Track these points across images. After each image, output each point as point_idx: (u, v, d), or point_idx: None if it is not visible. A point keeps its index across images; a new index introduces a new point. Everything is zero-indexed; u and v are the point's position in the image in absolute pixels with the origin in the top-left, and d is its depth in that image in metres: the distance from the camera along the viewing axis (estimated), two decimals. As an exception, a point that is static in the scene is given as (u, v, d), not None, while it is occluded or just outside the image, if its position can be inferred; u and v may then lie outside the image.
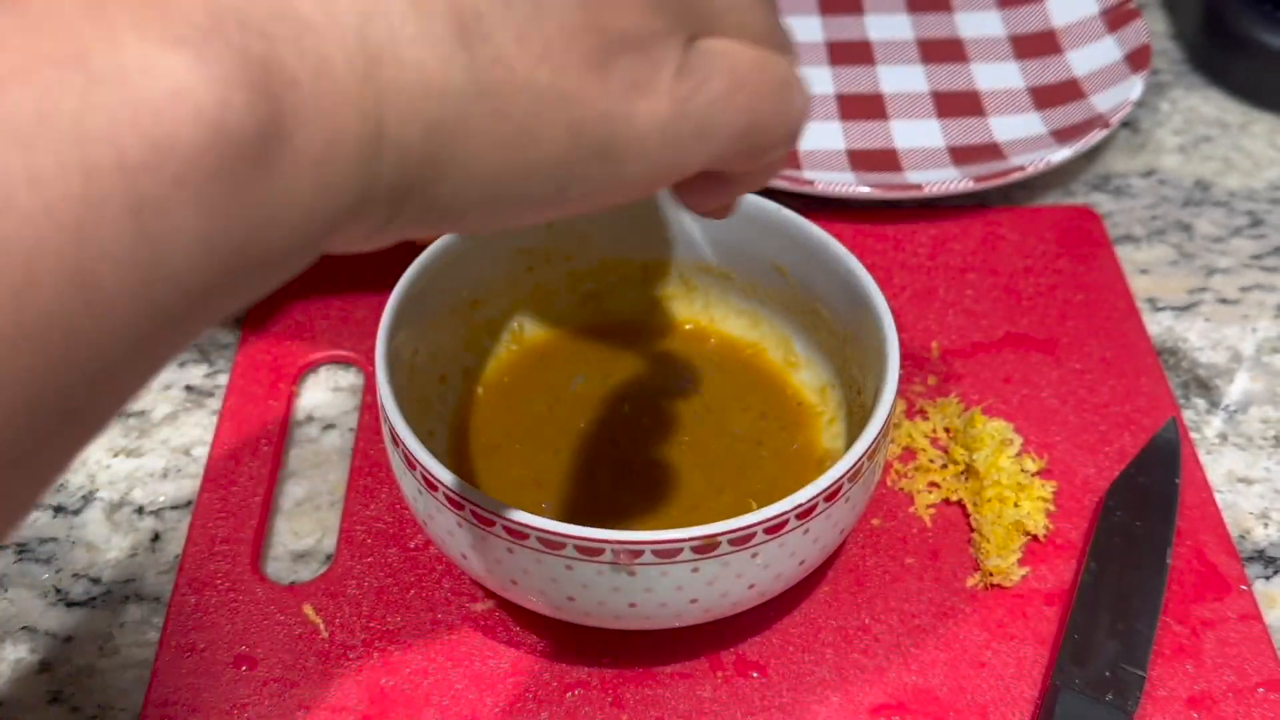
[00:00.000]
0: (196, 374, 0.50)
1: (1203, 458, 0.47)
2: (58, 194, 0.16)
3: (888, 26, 0.68)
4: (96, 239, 0.17)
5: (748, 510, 0.34)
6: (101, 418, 0.19)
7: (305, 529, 0.45)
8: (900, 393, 0.46)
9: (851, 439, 0.38)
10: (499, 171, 0.23)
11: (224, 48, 0.18)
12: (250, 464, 0.46)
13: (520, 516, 0.34)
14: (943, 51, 0.66)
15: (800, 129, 0.28)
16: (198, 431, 0.48)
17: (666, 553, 0.34)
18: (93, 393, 0.18)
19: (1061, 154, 0.56)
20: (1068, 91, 0.62)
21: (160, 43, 0.17)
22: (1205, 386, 0.50)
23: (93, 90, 0.17)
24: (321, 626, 0.41)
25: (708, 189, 0.30)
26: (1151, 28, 0.67)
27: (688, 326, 0.49)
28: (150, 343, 0.18)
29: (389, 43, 0.20)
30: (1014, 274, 0.54)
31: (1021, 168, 0.56)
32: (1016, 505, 0.44)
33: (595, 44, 0.23)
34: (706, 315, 0.49)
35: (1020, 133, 0.60)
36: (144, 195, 0.17)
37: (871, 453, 0.37)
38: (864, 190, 0.55)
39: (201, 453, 0.47)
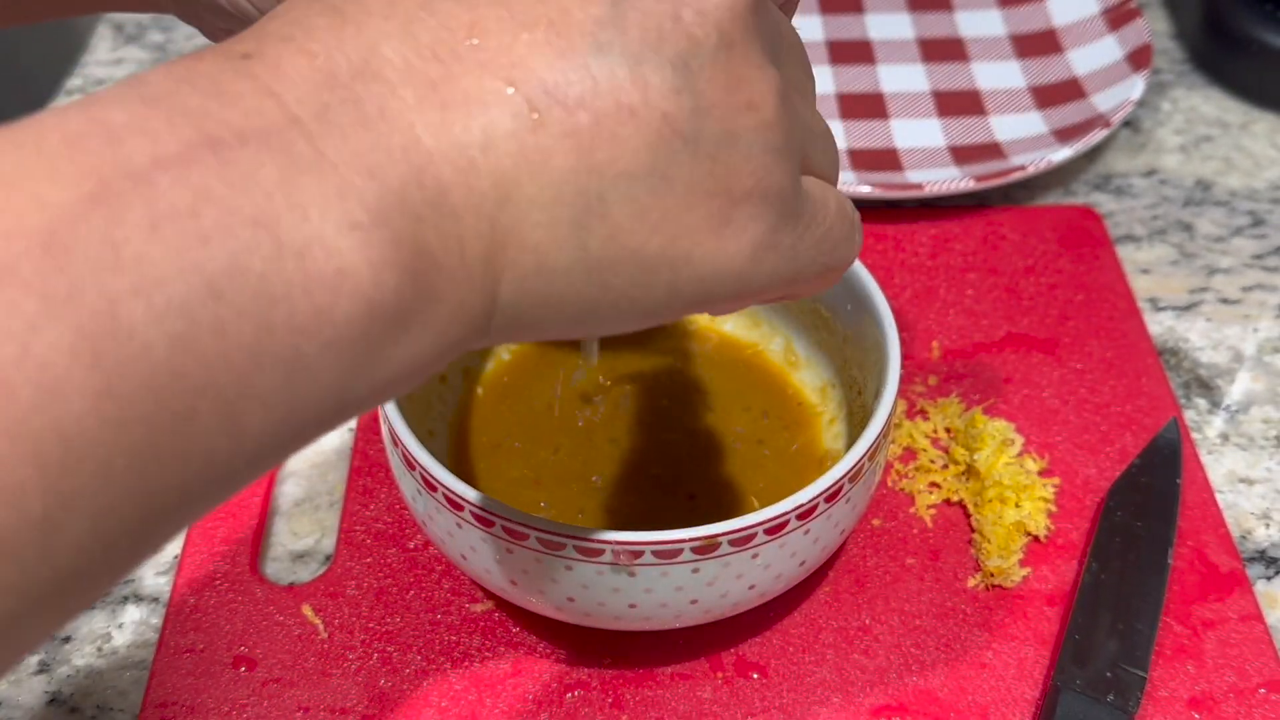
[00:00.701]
0: (196, 374, 0.50)
1: (1204, 458, 0.47)
2: (234, 344, 0.18)
3: (888, 25, 0.67)
4: (254, 384, 0.19)
5: (749, 510, 0.34)
6: (207, 511, 0.21)
7: (304, 529, 0.45)
8: (901, 393, 0.46)
9: (852, 439, 0.38)
10: (597, 319, 0.24)
11: (386, 232, 0.20)
12: (250, 464, 0.46)
13: (520, 516, 0.34)
14: (943, 51, 0.66)
15: (852, 260, 0.29)
16: (197, 431, 0.48)
17: (667, 553, 0.34)
18: (213, 498, 0.20)
19: (1062, 153, 0.56)
20: (1069, 91, 0.62)
21: (338, 223, 0.19)
22: (1206, 386, 0.50)
23: (280, 258, 0.19)
24: (321, 627, 0.41)
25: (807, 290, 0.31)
26: (1152, 27, 0.67)
27: (689, 326, 0.49)
28: (269, 461, 0.21)
29: (514, 227, 0.22)
30: (1015, 274, 0.54)
31: (1022, 167, 0.55)
32: (1017, 506, 0.43)
33: (720, 205, 0.23)
34: (707, 315, 0.48)
35: (1021, 132, 0.60)
36: (299, 353, 0.19)
37: (872, 453, 0.37)
38: (864, 190, 0.55)
39: (201, 453, 0.47)
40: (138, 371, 0.17)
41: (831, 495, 0.35)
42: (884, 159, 0.59)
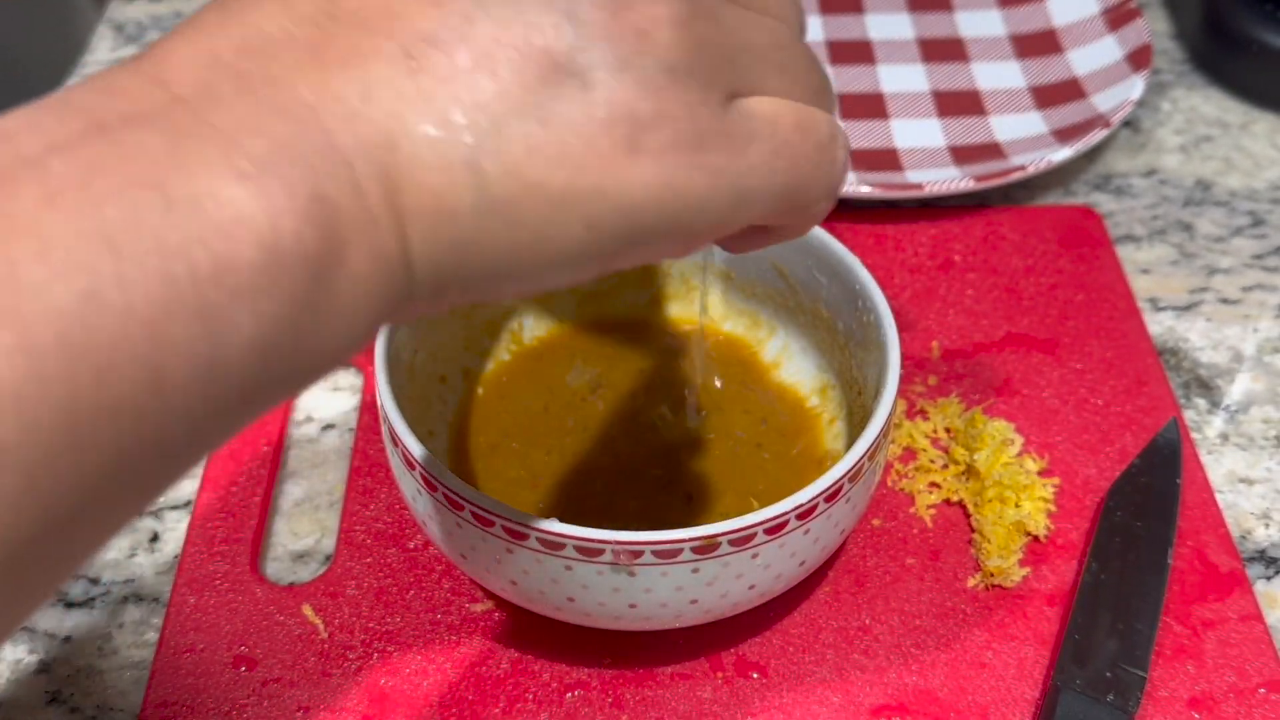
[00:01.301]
0: (196, 374, 0.50)
1: (1204, 458, 0.47)
2: (139, 295, 0.19)
3: (888, 26, 0.67)
4: (169, 335, 0.19)
5: (749, 510, 0.34)
6: (154, 492, 0.21)
7: (304, 529, 0.45)
8: (901, 393, 0.46)
9: (852, 439, 0.38)
10: (521, 266, 0.24)
11: (278, 181, 0.21)
12: (249, 464, 0.46)
13: (520, 516, 0.34)
14: (943, 51, 0.66)
15: (841, 183, 0.28)
16: (197, 431, 0.48)
17: (667, 553, 0.34)
18: (151, 470, 0.20)
19: (1062, 154, 0.56)
20: (1068, 91, 0.62)
21: (226, 176, 0.20)
22: (1206, 386, 0.50)
23: (171, 211, 0.19)
24: (321, 627, 0.41)
25: (747, 238, 0.30)
26: (1152, 27, 0.67)
27: (687, 326, 0.49)
28: (206, 428, 0.21)
29: (408, 170, 0.22)
30: (1015, 274, 0.54)
31: (1022, 167, 0.55)
32: (1017, 505, 0.43)
33: (621, 131, 0.23)
34: (707, 315, 0.48)
35: (1021, 132, 0.60)
36: (208, 302, 0.20)
37: (872, 453, 0.37)
38: (864, 190, 0.55)
39: (201, 453, 0.47)
40: (49, 327, 0.18)
41: (831, 495, 0.35)
42: (884, 159, 0.59)
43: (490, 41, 0.22)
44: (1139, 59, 0.61)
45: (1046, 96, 0.62)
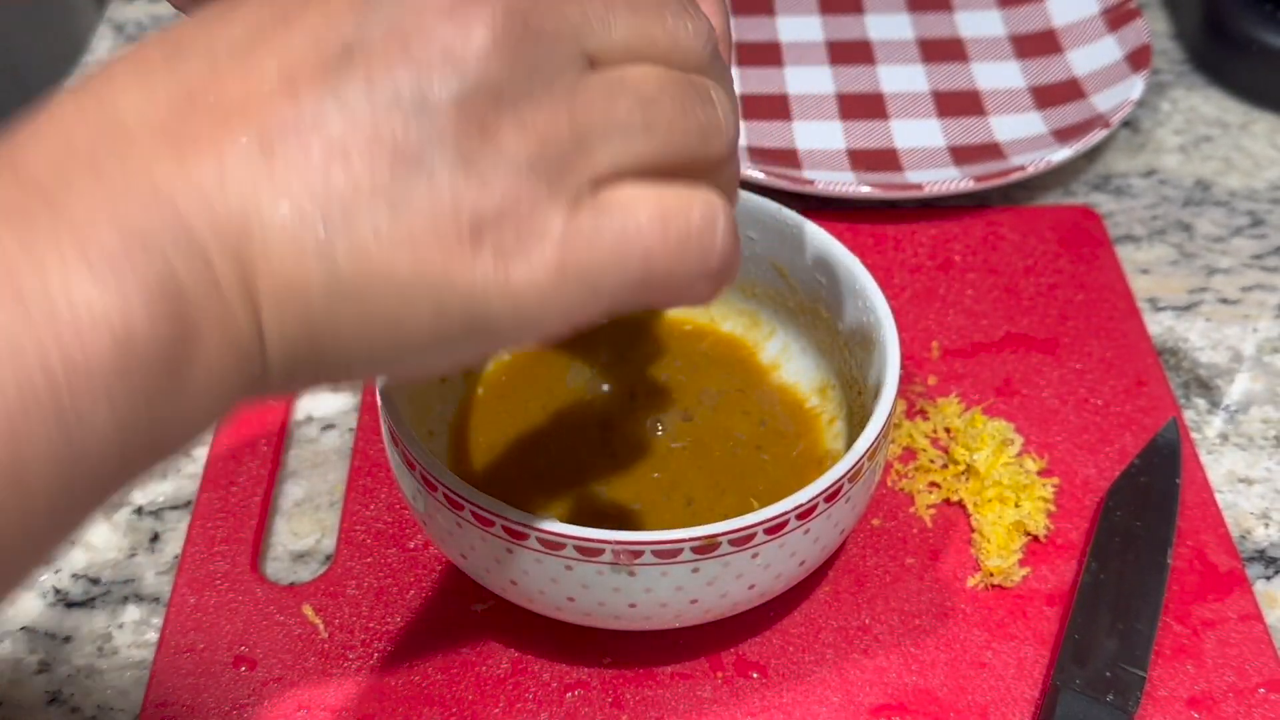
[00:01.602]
0: (196, 374, 0.50)
1: (1203, 458, 0.47)
2: None
3: (888, 26, 0.68)
4: (27, 439, 0.20)
5: (749, 510, 0.34)
6: (21, 573, 0.22)
7: (305, 529, 0.45)
8: (901, 393, 0.46)
9: (852, 439, 0.38)
10: (372, 349, 0.24)
11: (129, 273, 0.21)
12: (250, 464, 0.46)
13: (520, 516, 0.34)
14: (943, 51, 0.66)
15: (719, 266, 0.26)
16: (197, 431, 0.48)
17: (667, 553, 0.34)
18: (16, 555, 0.21)
19: (1062, 154, 0.56)
20: (1068, 91, 0.62)
21: (79, 272, 0.20)
22: (1206, 386, 0.50)
23: (25, 313, 0.20)
24: (321, 627, 0.41)
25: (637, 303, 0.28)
26: (1152, 27, 0.67)
27: (687, 327, 0.49)
28: (69, 515, 0.22)
29: (261, 255, 0.22)
30: (1014, 274, 0.54)
31: (1022, 167, 0.55)
32: (1017, 505, 0.44)
33: (465, 224, 0.23)
34: (706, 315, 0.49)
35: (1021, 132, 0.60)
36: (64, 402, 0.20)
37: (872, 453, 0.37)
38: (864, 190, 0.55)
39: (201, 453, 0.47)
40: None
41: (831, 495, 0.35)
42: (884, 159, 0.59)
43: (343, 133, 0.23)
44: (1139, 59, 0.61)
45: (1046, 97, 0.62)
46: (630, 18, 0.26)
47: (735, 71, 0.64)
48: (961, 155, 0.59)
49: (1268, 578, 0.44)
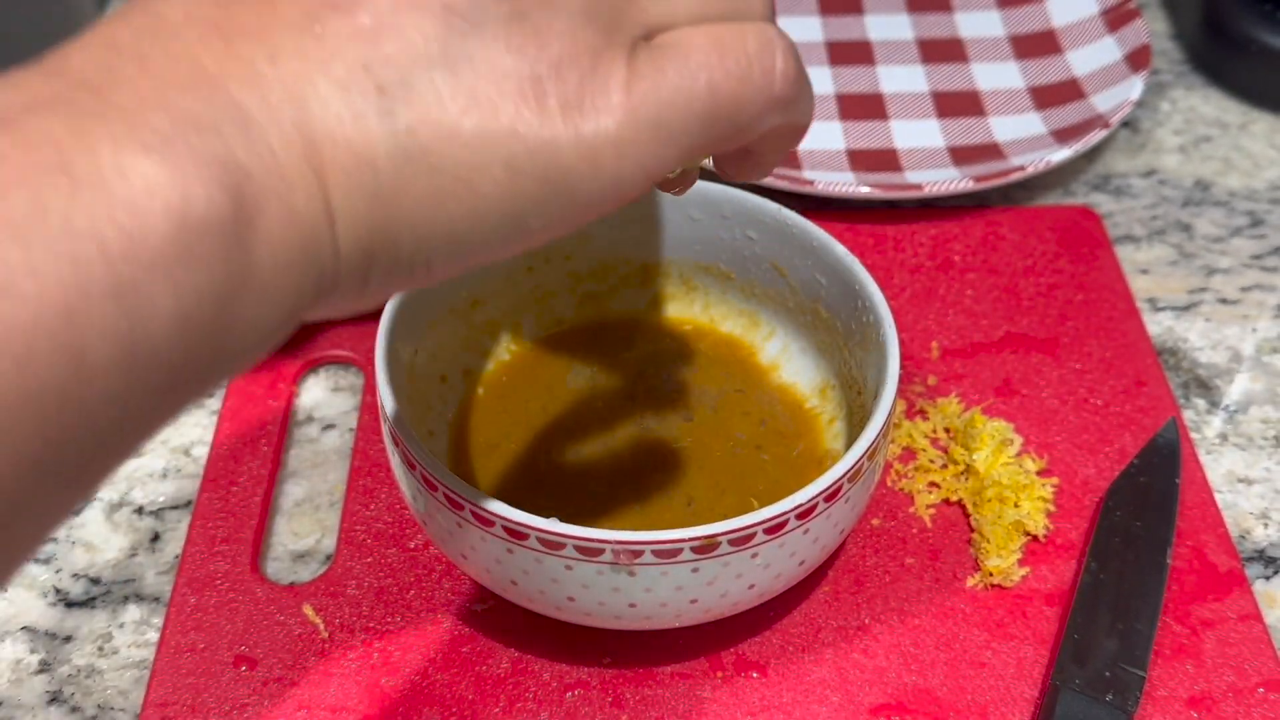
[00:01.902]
0: (196, 374, 0.50)
1: (1203, 458, 0.47)
2: (51, 281, 0.19)
3: (888, 26, 0.68)
4: (85, 317, 0.19)
5: (749, 510, 0.34)
6: (92, 480, 0.21)
7: (305, 529, 0.45)
8: (900, 393, 0.46)
9: (852, 439, 0.38)
10: (449, 223, 0.24)
11: (184, 150, 0.21)
12: (250, 464, 0.46)
13: (520, 516, 0.34)
14: (943, 51, 0.66)
15: (785, 91, 0.27)
16: (197, 431, 0.48)
17: (666, 553, 0.34)
18: (83, 456, 0.20)
19: (1061, 154, 0.56)
20: (1068, 91, 0.62)
21: (131, 150, 0.20)
22: (1205, 386, 0.50)
23: (77, 193, 0.19)
24: (321, 626, 0.41)
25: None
26: (1151, 28, 0.67)
27: (687, 327, 0.49)
28: (135, 411, 0.21)
29: (321, 124, 0.22)
30: (1014, 274, 0.54)
31: (1021, 168, 0.55)
32: (1016, 505, 0.44)
33: (527, 79, 0.24)
34: (706, 315, 0.49)
35: (1020, 133, 0.60)
36: (123, 279, 0.20)
37: (871, 453, 0.37)
38: (864, 190, 0.55)
39: (201, 453, 0.47)
40: None
41: (831, 495, 0.36)
42: (883, 159, 0.59)
43: (390, 1, 0.23)
44: (1138, 59, 0.61)
45: (1046, 97, 0.62)
46: None
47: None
48: (961, 155, 0.59)
49: (1267, 577, 0.44)
